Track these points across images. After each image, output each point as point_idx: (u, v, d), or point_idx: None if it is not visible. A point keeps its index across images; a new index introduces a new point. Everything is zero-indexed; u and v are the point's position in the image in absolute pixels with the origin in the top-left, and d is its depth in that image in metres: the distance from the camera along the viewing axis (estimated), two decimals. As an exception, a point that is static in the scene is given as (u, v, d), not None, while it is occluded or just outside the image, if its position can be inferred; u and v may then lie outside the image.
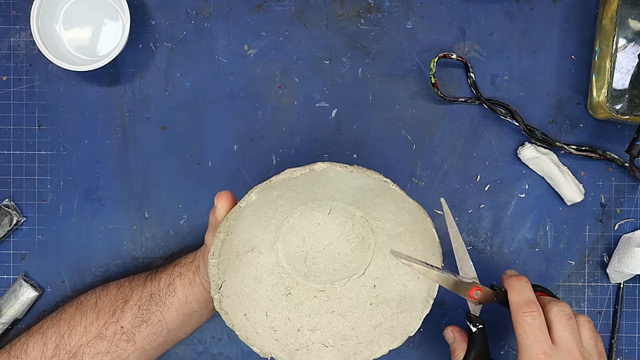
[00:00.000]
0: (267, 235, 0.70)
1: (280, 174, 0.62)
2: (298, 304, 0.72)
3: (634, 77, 0.74)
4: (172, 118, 0.79)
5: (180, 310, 0.71)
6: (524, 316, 0.64)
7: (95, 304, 0.72)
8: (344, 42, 0.80)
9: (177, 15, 0.79)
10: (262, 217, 0.68)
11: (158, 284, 0.71)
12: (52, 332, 0.71)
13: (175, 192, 0.79)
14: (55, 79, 0.79)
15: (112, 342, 0.70)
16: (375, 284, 0.72)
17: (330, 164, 0.62)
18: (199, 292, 0.71)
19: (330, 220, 0.72)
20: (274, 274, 0.71)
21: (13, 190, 0.79)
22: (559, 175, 0.78)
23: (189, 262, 0.72)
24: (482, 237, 0.80)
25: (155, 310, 0.70)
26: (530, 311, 0.64)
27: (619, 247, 0.79)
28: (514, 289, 0.66)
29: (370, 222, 0.71)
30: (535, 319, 0.64)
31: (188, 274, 0.71)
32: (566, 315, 0.64)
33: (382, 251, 0.72)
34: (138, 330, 0.70)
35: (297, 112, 0.80)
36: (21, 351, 0.71)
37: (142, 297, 0.71)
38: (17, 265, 0.79)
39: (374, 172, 0.63)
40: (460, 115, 0.80)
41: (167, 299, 0.70)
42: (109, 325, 0.70)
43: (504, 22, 0.80)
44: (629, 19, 0.74)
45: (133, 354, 0.71)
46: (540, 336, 0.63)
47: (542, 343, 0.63)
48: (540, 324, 0.64)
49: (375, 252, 0.72)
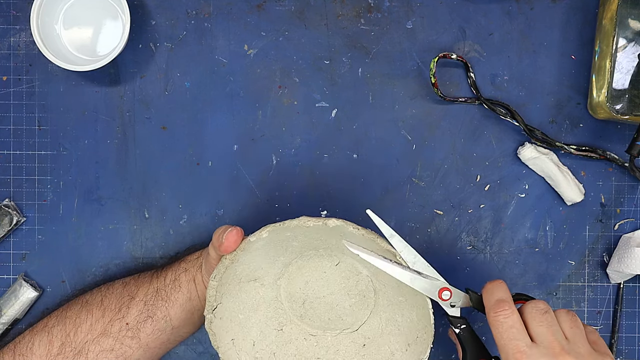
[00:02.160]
0: (273, 270, 0.71)
1: (295, 220, 0.63)
2: (287, 341, 0.72)
3: (634, 77, 0.74)
4: (172, 118, 0.79)
5: (184, 307, 0.71)
6: (495, 316, 0.61)
7: (101, 302, 0.72)
8: (344, 42, 0.80)
9: (177, 15, 0.79)
10: (271, 252, 0.69)
11: (164, 280, 0.72)
12: (57, 329, 0.71)
13: (175, 192, 0.79)
14: (55, 79, 0.79)
15: (117, 339, 0.70)
16: (365, 343, 0.72)
17: (343, 222, 0.63)
18: (201, 289, 0.71)
19: (337, 272, 0.72)
20: (271, 307, 0.72)
21: (13, 190, 0.79)
22: (559, 175, 0.78)
23: (195, 258, 0.73)
24: (482, 237, 0.80)
25: (160, 305, 0.71)
26: (501, 310, 0.61)
27: (619, 247, 0.79)
28: (486, 291, 0.64)
29: (375, 283, 0.72)
30: (507, 318, 0.61)
31: (192, 270, 0.72)
32: (540, 311, 0.62)
33: (380, 314, 0.72)
34: (143, 326, 0.70)
35: (297, 112, 0.80)
36: (27, 349, 0.71)
37: (149, 292, 0.71)
38: (17, 265, 0.79)
39: (384, 240, 0.64)
40: (460, 115, 0.80)
41: (172, 295, 0.71)
42: (115, 322, 0.70)
43: (504, 22, 0.80)
44: (629, 19, 0.74)
45: (137, 351, 0.71)
46: (514, 334, 0.60)
47: (516, 341, 0.60)
48: (514, 322, 0.61)
49: (373, 313, 0.73)
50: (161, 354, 0.74)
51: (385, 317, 0.72)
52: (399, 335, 0.71)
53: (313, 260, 0.72)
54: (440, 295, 0.66)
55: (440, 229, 0.80)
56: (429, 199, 0.80)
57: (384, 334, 0.72)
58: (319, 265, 0.72)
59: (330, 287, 0.73)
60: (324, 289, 0.73)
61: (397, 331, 0.71)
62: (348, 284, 0.73)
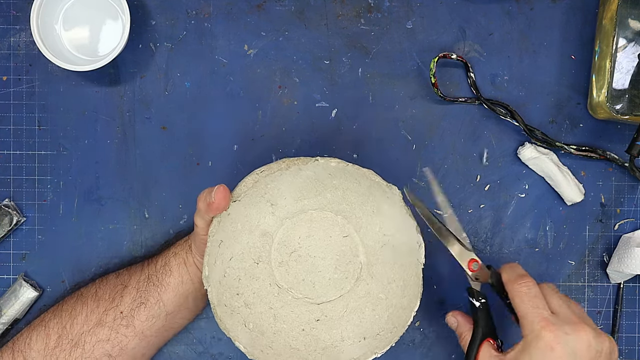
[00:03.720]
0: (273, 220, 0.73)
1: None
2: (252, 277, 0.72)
3: (634, 77, 0.74)
4: (172, 118, 0.79)
5: (176, 291, 0.72)
6: (519, 287, 0.64)
7: (95, 293, 0.72)
8: (344, 42, 0.80)
9: (177, 15, 0.79)
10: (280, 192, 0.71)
11: (155, 266, 0.72)
12: (54, 323, 0.71)
13: (175, 192, 0.79)
14: (55, 79, 0.79)
15: (112, 329, 0.70)
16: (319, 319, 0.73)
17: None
18: (192, 271, 0.72)
19: (338, 244, 0.73)
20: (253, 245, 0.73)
21: (13, 190, 0.79)
22: (559, 175, 0.78)
23: (183, 242, 0.73)
24: (482, 237, 0.80)
25: (152, 291, 0.71)
26: (524, 282, 0.65)
27: (619, 247, 0.79)
28: (507, 268, 0.68)
29: (362, 272, 0.73)
30: (530, 289, 0.64)
31: (182, 253, 0.72)
32: (554, 290, 0.66)
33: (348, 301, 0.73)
34: (137, 313, 0.71)
35: (297, 112, 0.80)
36: (25, 345, 0.71)
37: (140, 280, 0.72)
38: (17, 265, 0.79)
39: None
40: (460, 115, 0.80)
41: (164, 279, 0.71)
42: (109, 311, 0.71)
43: (504, 22, 0.80)
44: (629, 19, 0.74)
45: (133, 339, 0.71)
46: (537, 303, 0.63)
47: (540, 310, 0.63)
48: (537, 293, 0.64)
49: (342, 297, 0.73)
50: (159, 343, 0.74)
51: (353, 305, 0.72)
52: (358, 326, 0.71)
53: (326, 220, 0.73)
54: (470, 265, 0.69)
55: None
56: (429, 199, 0.80)
57: (343, 319, 0.72)
58: (328, 228, 0.73)
59: (324, 252, 0.73)
60: (318, 251, 0.73)
61: (358, 322, 0.72)
62: (340, 260, 0.73)
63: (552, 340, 0.60)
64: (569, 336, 0.61)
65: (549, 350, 0.60)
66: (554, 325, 0.61)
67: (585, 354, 0.61)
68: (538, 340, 0.61)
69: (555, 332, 0.61)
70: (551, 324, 0.61)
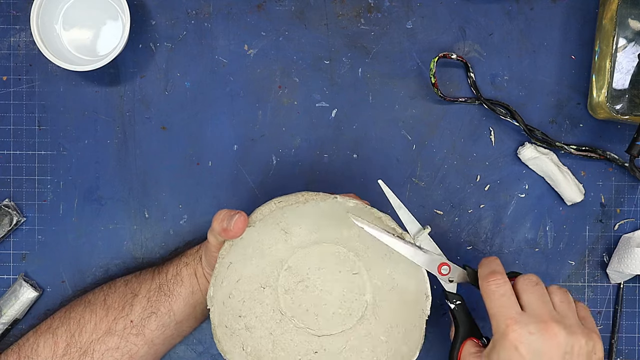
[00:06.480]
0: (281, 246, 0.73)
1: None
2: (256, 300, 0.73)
3: (634, 77, 0.74)
4: (172, 118, 0.79)
5: (187, 301, 0.72)
6: (488, 285, 0.64)
7: (104, 301, 0.72)
8: (344, 42, 0.80)
9: (177, 15, 0.79)
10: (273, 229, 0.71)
11: (166, 275, 0.72)
12: (62, 330, 0.71)
13: (175, 192, 0.79)
14: (55, 79, 0.79)
15: (122, 337, 0.70)
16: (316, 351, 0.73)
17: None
18: (202, 282, 0.72)
19: (347, 280, 0.73)
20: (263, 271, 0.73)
21: (13, 190, 0.79)
22: (559, 175, 0.78)
23: (194, 252, 0.73)
24: (482, 237, 0.80)
25: (163, 300, 0.71)
26: (494, 279, 0.64)
27: (619, 247, 0.79)
28: (481, 265, 0.67)
29: (367, 311, 0.73)
30: (499, 287, 0.63)
31: (193, 264, 0.72)
32: (531, 282, 0.64)
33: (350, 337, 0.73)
34: (147, 322, 0.71)
35: (297, 112, 0.80)
36: (32, 351, 0.71)
37: (151, 289, 0.72)
38: (17, 265, 0.79)
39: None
40: (460, 115, 0.80)
41: (175, 289, 0.71)
42: (119, 320, 0.71)
43: (504, 22, 0.80)
44: (629, 19, 0.74)
45: (142, 348, 0.71)
46: (505, 302, 0.62)
47: (507, 309, 0.62)
48: (505, 291, 0.63)
49: (344, 333, 0.73)
50: (165, 350, 0.74)
51: (353, 343, 0.72)
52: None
53: (338, 255, 0.73)
54: (439, 270, 0.68)
55: (440, 229, 0.80)
56: (429, 199, 0.80)
57: (341, 356, 0.72)
58: (339, 263, 0.73)
59: (331, 285, 0.73)
60: (326, 283, 0.73)
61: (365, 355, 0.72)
62: (346, 295, 0.73)
63: (516, 339, 0.60)
64: (533, 335, 0.60)
65: (513, 350, 0.60)
66: (517, 325, 0.61)
67: (553, 354, 0.60)
68: (504, 340, 0.61)
69: (519, 332, 0.60)
70: (515, 323, 0.61)
